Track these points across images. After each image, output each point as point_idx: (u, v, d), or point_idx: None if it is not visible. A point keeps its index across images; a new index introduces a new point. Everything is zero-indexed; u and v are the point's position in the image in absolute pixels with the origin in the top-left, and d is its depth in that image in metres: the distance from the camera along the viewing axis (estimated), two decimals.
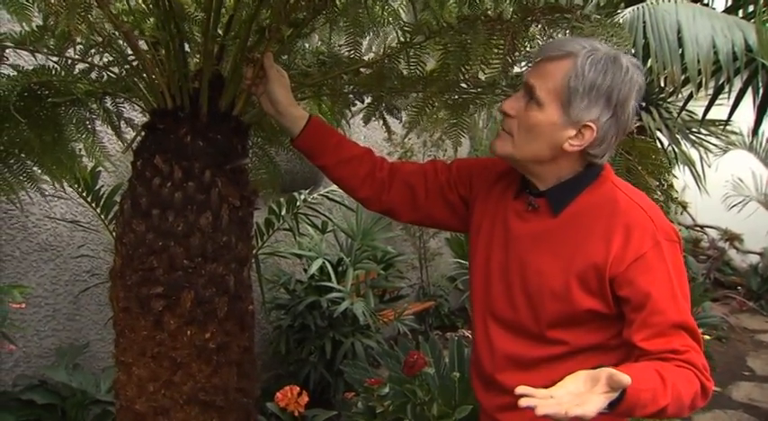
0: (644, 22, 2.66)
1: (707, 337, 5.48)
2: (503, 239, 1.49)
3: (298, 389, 3.45)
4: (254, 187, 1.75)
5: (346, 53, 1.84)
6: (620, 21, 2.71)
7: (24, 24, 1.84)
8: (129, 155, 1.86)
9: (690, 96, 3.33)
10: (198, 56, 1.73)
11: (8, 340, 2.91)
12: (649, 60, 2.65)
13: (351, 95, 1.92)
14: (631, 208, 1.38)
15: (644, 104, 5.10)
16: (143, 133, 1.72)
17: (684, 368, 1.28)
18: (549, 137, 1.38)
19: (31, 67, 1.88)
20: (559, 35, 1.76)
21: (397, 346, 3.45)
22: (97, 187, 3.13)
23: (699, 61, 2.61)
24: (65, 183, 2.97)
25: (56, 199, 3.38)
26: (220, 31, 1.67)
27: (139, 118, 2.19)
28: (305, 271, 4.29)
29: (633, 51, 2.76)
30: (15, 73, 1.87)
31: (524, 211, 1.47)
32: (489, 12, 1.67)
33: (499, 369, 1.49)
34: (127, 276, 1.60)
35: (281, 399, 3.45)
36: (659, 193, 1.78)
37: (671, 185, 1.79)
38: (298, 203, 3.52)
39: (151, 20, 1.66)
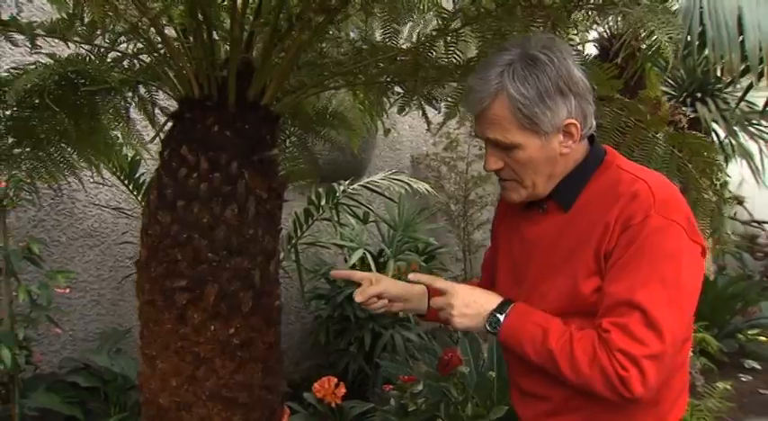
0: (701, 8, 2.51)
1: (762, 339, 5.26)
2: (520, 248, 1.45)
3: (335, 380, 3.43)
4: (284, 179, 1.70)
5: (384, 41, 1.78)
6: (675, 7, 2.58)
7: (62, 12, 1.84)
8: None
9: (750, 86, 3.15)
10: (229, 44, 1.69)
11: (53, 323, 2.97)
12: (705, 49, 2.50)
13: (386, 85, 1.86)
14: (633, 182, 1.31)
15: (699, 95, 4.89)
16: (171, 122, 1.69)
17: (601, 344, 1.23)
18: (545, 158, 1.34)
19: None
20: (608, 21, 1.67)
21: (436, 340, 3.39)
22: (138, 175, 3.14)
23: (761, 48, 2.45)
24: (108, 171, 3.01)
25: (101, 186, 3.43)
26: (250, 18, 1.62)
27: (174, 106, 2.17)
28: (346, 261, 4.26)
29: (688, 39, 2.63)
30: (52, 61, 1.87)
31: (536, 215, 1.43)
32: None
33: (520, 373, 1.45)
34: (152, 268, 1.58)
35: (318, 390, 3.44)
36: (711, 193, 1.67)
37: (723, 184, 1.66)
38: (337, 194, 3.47)
39: (180, 6, 1.62)
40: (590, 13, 1.53)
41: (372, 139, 4.99)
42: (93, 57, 1.83)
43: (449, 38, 1.67)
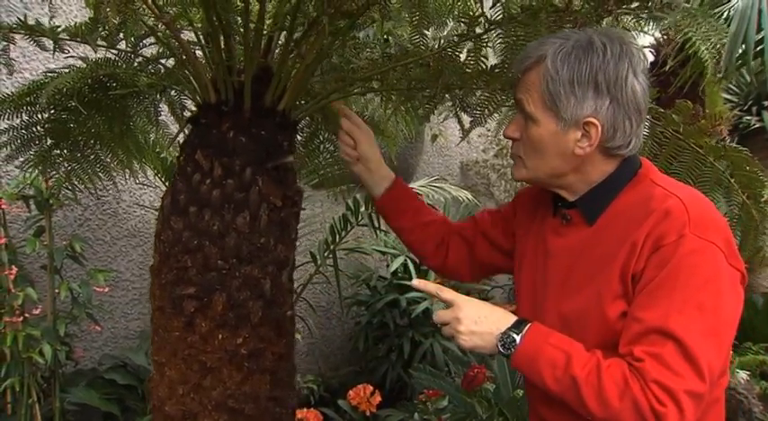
0: (759, 11, 2.35)
1: None
2: (543, 260, 1.35)
3: (371, 388, 3.40)
4: (299, 187, 1.67)
5: (406, 46, 1.73)
6: (731, 10, 2.43)
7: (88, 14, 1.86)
8: None
9: None
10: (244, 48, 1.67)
11: (93, 321, 3.03)
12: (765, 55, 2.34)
13: (409, 91, 1.80)
14: (666, 198, 1.21)
15: (766, 103, 4.65)
16: (189, 127, 1.68)
17: (633, 374, 1.12)
18: (556, 147, 1.26)
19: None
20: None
21: (473, 352, 3.31)
22: None
23: None
24: (144, 173, 3.05)
25: (145, 187, 3.49)
26: (269, 23, 1.60)
27: None
28: (388, 267, 4.22)
29: (743, 47, 2.47)
30: (84, 65, 1.90)
31: (560, 226, 1.34)
32: (557, 2, 1.50)
33: (541, 401, 1.34)
34: (162, 274, 1.56)
35: (353, 398, 3.42)
36: (754, 210, 1.55)
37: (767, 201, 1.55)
38: None
39: (195, 10, 1.61)
40: (619, 18, 1.44)
41: (419, 145, 4.93)
42: (120, 60, 1.84)
43: (473, 43, 1.60)
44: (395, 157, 3.59)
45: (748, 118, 4.82)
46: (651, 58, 4.10)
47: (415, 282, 1.33)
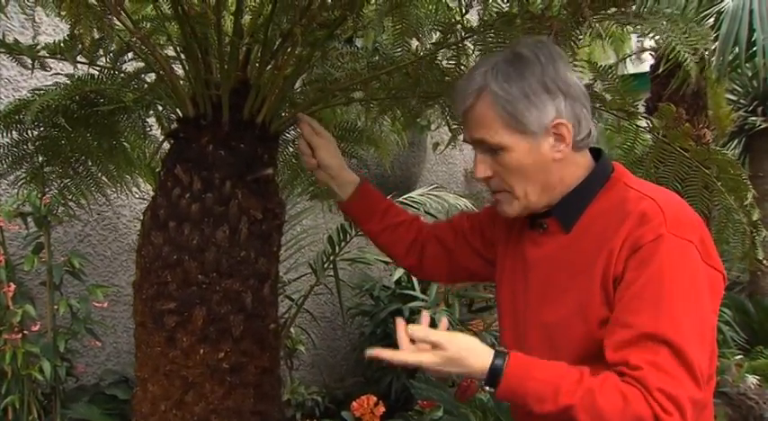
0: (750, 12, 2.31)
1: None
2: (522, 273, 1.34)
3: (374, 399, 3.37)
4: (281, 199, 1.66)
5: (386, 55, 1.72)
6: (722, 11, 2.40)
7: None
8: None
9: None
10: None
11: (93, 336, 3.03)
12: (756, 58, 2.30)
13: (387, 100, 1.79)
14: (640, 201, 1.20)
15: None
16: (170, 142, 1.68)
17: (631, 386, 1.08)
18: (535, 162, 1.24)
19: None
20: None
21: None
22: None
23: None
24: (137, 187, 3.06)
25: (145, 201, 3.49)
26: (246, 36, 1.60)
27: None
28: (391, 276, 4.21)
29: (736, 50, 2.44)
30: (69, 82, 1.91)
31: (537, 237, 1.32)
32: (537, 8, 1.49)
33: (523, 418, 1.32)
34: (144, 290, 1.56)
35: (356, 409, 3.39)
36: (741, 214, 1.52)
37: (752, 204, 1.53)
38: None
39: (172, 24, 1.62)
40: (593, 24, 1.42)
41: (422, 154, 4.92)
42: (104, 77, 1.85)
43: (453, 51, 1.60)
44: (390, 166, 3.58)
45: (754, 118, 4.77)
46: (651, 60, 4.07)
47: (411, 327, 1.29)
